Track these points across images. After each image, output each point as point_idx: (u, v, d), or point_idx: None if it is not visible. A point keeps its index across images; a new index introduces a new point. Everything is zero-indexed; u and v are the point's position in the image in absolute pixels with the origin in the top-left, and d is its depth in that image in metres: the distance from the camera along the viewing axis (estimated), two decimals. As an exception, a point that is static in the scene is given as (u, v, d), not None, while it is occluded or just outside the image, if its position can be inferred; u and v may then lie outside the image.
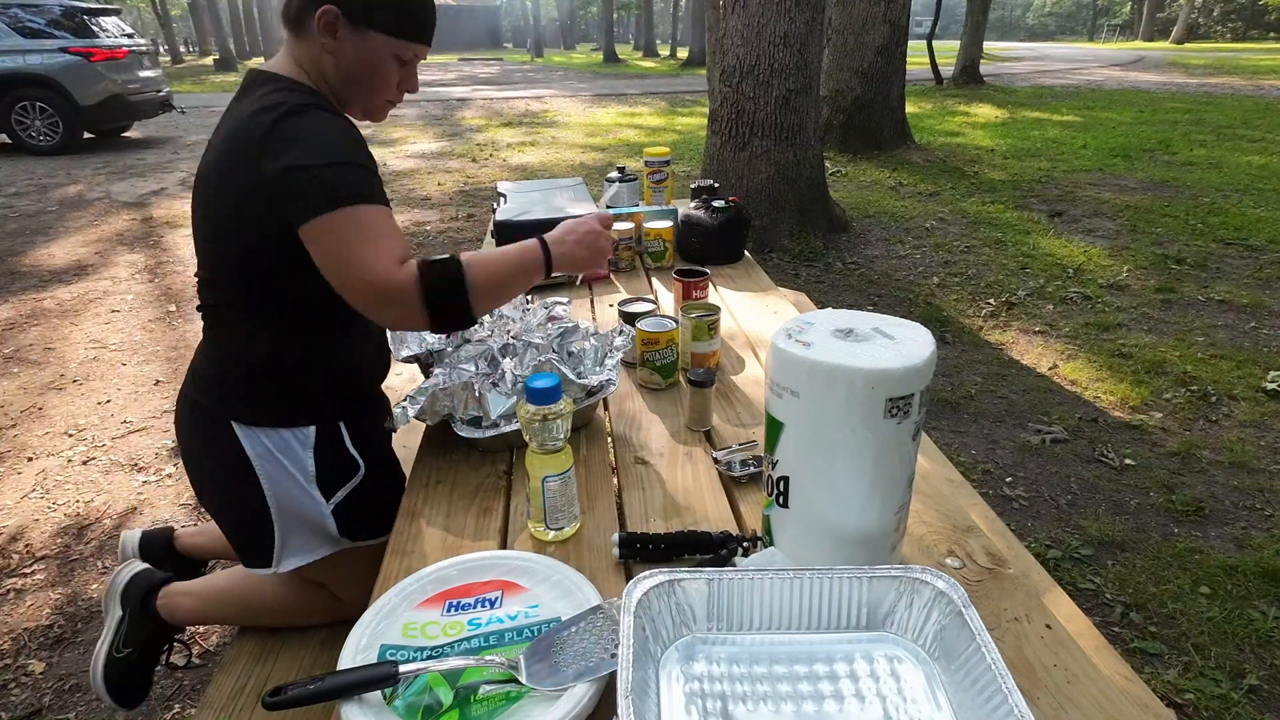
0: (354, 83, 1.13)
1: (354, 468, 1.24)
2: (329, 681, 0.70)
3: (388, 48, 1.11)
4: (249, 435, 1.16)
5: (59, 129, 8.41)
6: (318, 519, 1.23)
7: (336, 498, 1.23)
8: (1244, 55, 23.13)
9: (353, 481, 1.24)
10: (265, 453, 1.17)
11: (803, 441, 0.81)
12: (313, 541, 1.25)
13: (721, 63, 4.54)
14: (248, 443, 1.17)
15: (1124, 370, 3.14)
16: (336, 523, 1.24)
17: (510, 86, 17.31)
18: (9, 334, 3.75)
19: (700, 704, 0.67)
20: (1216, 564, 2.03)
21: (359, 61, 1.11)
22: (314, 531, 1.24)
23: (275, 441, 1.17)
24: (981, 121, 9.83)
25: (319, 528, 1.24)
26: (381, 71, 1.13)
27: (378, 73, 1.12)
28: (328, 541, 1.26)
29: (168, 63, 24.55)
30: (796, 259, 4.51)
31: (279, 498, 1.20)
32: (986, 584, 0.88)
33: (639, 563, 0.92)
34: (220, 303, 1.16)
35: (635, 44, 39.80)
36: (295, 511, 1.22)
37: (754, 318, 1.71)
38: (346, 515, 1.25)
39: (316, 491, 1.21)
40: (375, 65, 1.12)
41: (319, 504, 1.22)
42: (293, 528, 1.23)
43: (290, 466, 1.19)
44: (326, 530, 1.24)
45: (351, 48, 1.09)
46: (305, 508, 1.21)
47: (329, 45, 1.09)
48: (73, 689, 1.76)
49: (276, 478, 1.19)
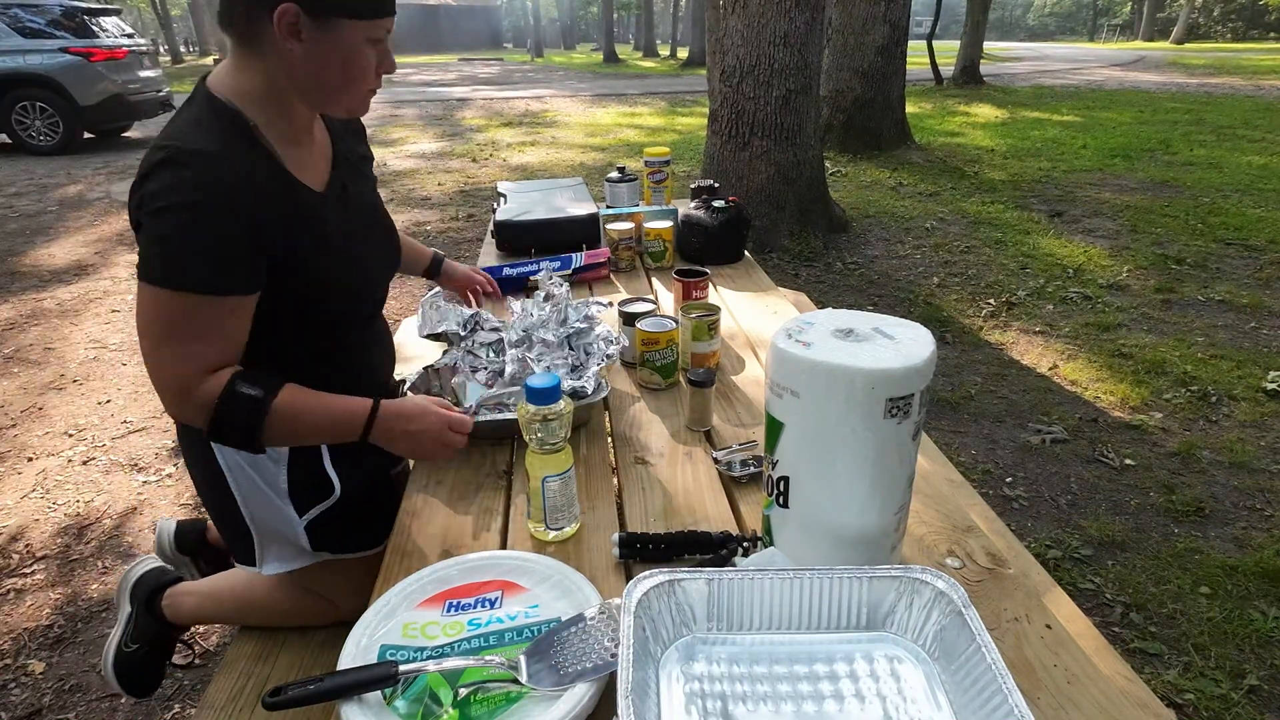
0: (330, 81, 1.03)
1: (328, 489, 1.21)
2: (329, 682, 0.70)
3: (358, 33, 1.00)
4: (221, 448, 1.15)
5: (59, 129, 8.41)
6: (291, 533, 1.22)
7: (309, 515, 1.21)
8: (1244, 55, 23.14)
9: (326, 502, 1.22)
10: (237, 465, 1.16)
11: (803, 441, 0.81)
12: (288, 551, 1.24)
13: (721, 63, 4.54)
14: (220, 454, 1.15)
15: (1124, 370, 3.14)
16: (309, 537, 1.22)
17: (510, 86, 17.31)
18: (9, 334, 3.75)
19: (700, 704, 0.67)
20: (1216, 564, 2.03)
21: (332, 56, 1.00)
22: (288, 543, 1.23)
23: (245, 457, 1.15)
24: (982, 121, 9.83)
25: (292, 541, 1.23)
26: (359, 60, 1.03)
27: (355, 63, 1.02)
28: (304, 554, 1.25)
29: (168, 63, 24.50)
30: (796, 259, 4.51)
31: (252, 509, 1.19)
32: (986, 584, 0.88)
33: (639, 563, 0.92)
34: None
35: (635, 44, 39.81)
36: (268, 524, 1.21)
37: (754, 318, 1.71)
38: (320, 531, 1.23)
39: (289, 507, 1.20)
40: (350, 55, 1.02)
41: (292, 519, 1.20)
42: (268, 539, 1.23)
43: (260, 481, 1.17)
44: (299, 544, 1.23)
45: (320, 45, 0.99)
46: (277, 521, 1.21)
47: (294, 49, 0.98)
48: (73, 689, 1.76)
49: (248, 490, 1.18)
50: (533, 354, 1.25)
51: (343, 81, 1.04)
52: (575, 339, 1.31)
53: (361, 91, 1.07)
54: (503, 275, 1.89)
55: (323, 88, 1.04)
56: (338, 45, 1.00)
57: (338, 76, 1.03)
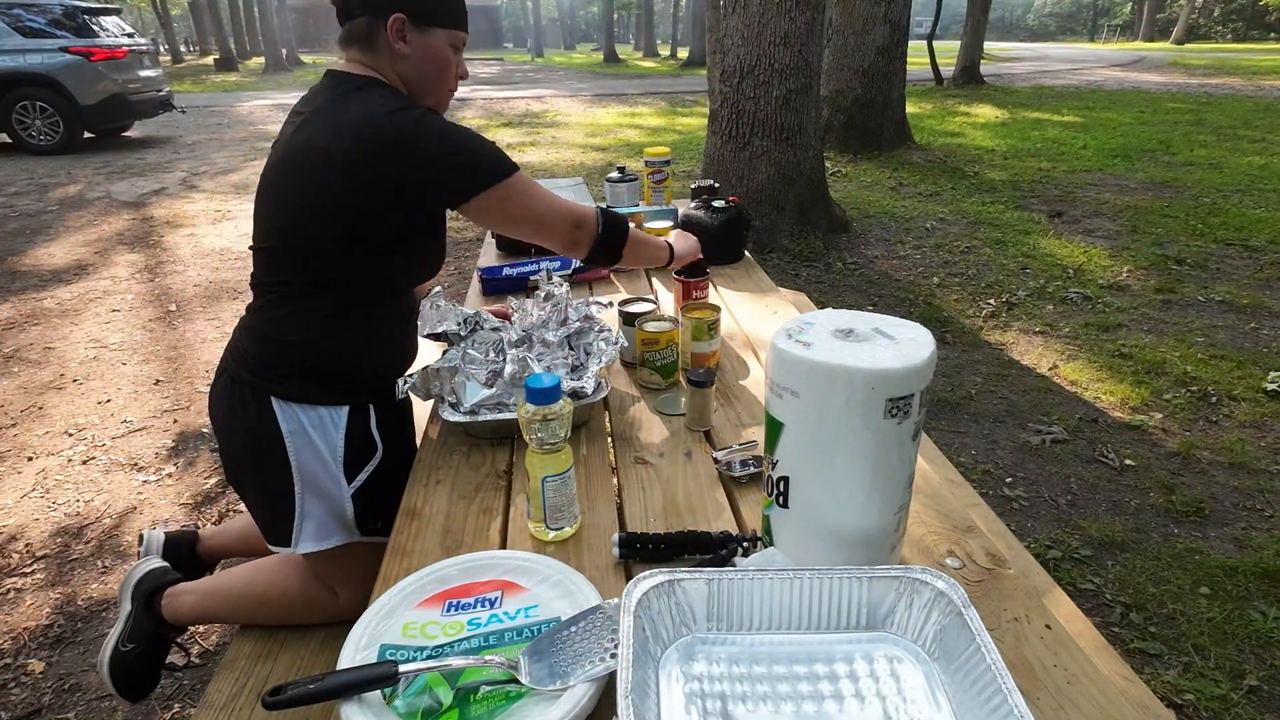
0: (428, 78, 1.25)
1: (373, 449, 1.29)
2: (329, 681, 0.70)
3: (446, 39, 1.24)
4: (286, 411, 1.21)
5: (59, 128, 8.41)
6: (338, 502, 1.27)
7: (357, 481, 1.28)
8: (1244, 55, 23.13)
9: (372, 463, 1.29)
10: (299, 429, 1.22)
11: (803, 442, 0.81)
12: (329, 526, 1.28)
13: (721, 63, 4.54)
14: (283, 418, 1.21)
15: (1124, 370, 3.14)
16: (354, 507, 1.28)
17: (510, 86, 17.31)
18: (9, 334, 3.75)
19: (700, 704, 0.67)
20: (1216, 564, 2.03)
21: (429, 59, 1.23)
22: (331, 515, 1.27)
23: (311, 418, 1.23)
24: (982, 122, 9.83)
25: (337, 512, 1.28)
26: (447, 63, 1.26)
27: (444, 64, 1.25)
28: (342, 529, 1.29)
29: (168, 62, 24.53)
30: (796, 259, 4.51)
31: (304, 476, 1.24)
32: (986, 584, 0.88)
33: (639, 563, 0.92)
34: (282, 279, 1.21)
35: (635, 44, 39.78)
36: (318, 492, 1.26)
37: (754, 318, 1.71)
38: (364, 500, 1.28)
39: (340, 473, 1.26)
40: (442, 58, 1.24)
41: (341, 486, 1.26)
42: (312, 510, 1.26)
43: (321, 445, 1.24)
44: (344, 515, 1.28)
45: (420, 48, 1.21)
46: (327, 489, 1.26)
47: (402, 50, 1.20)
48: (72, 689, 1.76)
49: (305, 456, 1.23)
50: (533, 354, 1.25)
51: (436, 77, 1.26)
52: (575, 339, 1.31)
53: (446, 90, 1.30)
54: (502, 275, 1.89)
55: (422, 84, 1.25)
56: (433, 49, 1.23)
57: (433, 73, 1.25)
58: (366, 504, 1.29)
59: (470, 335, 1.29)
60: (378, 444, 1.30)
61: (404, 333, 1.34)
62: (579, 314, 1.36)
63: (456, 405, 1.20)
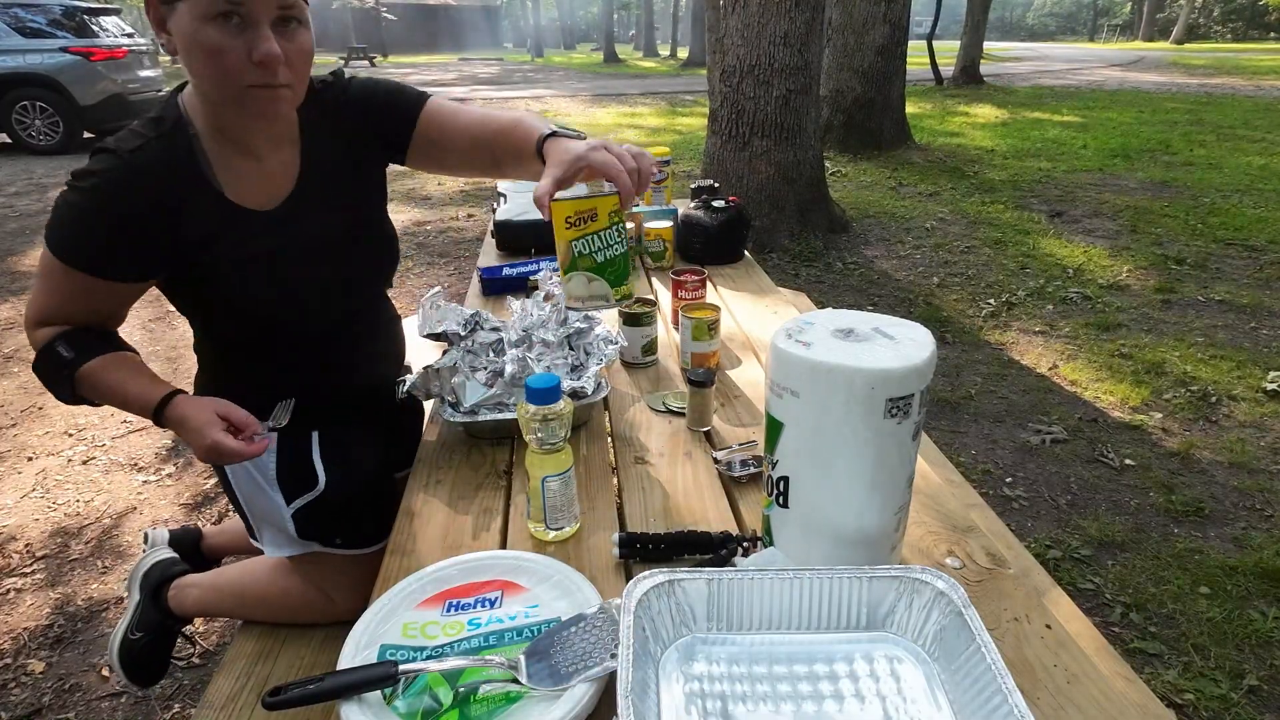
0: (199, 74, 0.94)
1: (313, 481, 1.23)
2: (329, 681, 0.70)
3: (190, 12, 0.89)
4: None
5: (59, 129, 8.40)
6: (279, 519, 1.24)
7: (296, 504, 1.23)
8: (1244, 55, 23.13)
9: (310, 494, 1.23)
10: None
11: (803, 441, 0.81)
12: (280, 538, 1.26)
13: (721, 63, 4.54)
14: None
15: (1124, 370, 3.14)
16: (295, 526, 1.24)
17: (510, 86, 17.31)
18: (9, 334, 3.75)
19: (700, 704, 0.67)
20: (1216, 564, 2.03)
21: (187, 48, 0.91)
22: (279, 529, 1.25)
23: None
24: (982, 122, 9.83)
25: (282, 527, 1.25)
26: (206, 47, 0.90)
27: (203, 50, 0.90)
28: (294, 541, 1.26)
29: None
30: (796, 259, 4.51)
31: (243, 492, 1.23)
32: (986, 584, 0.88)
33: (639, 563, 0.92)
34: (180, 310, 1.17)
35: (635, 44, 39.78)
36: (259, 509, 1.24)
37: (754, 318, 1.71)
38: (306, 521, 1.24)
39: (277, 494, 1.22)
40: (196, 42, 0.90)
41: (280, 505, 1.22)
42: (260, 523, 1.26)
43: (251, 466, 1.20)
44: (289, 531, 1.24)
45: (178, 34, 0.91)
46: (267, 507, 1.23)
47: (168, 45, 0.94)
48: (72, 689, 1.76)
49: (240, 475, 1.22)
50: (533, 354, 1.25)
51: (209, 73, 0.92)
52: (575, 339, 1.31)
53: (235, 86, 0.93)
54: (502, 275, 1.89)
55: (199, 81, 0.96)
56: (183, 32, 0.91)
57: (201, 68, 0.92)
58: (310, 525, 1.24)
59: (470, 335, 1.29)
60: (319, 475, 1.23)
61: (321, 360, 1.21)
62: (579, 314, 1.36)
63: (456, 405, 1.20)
